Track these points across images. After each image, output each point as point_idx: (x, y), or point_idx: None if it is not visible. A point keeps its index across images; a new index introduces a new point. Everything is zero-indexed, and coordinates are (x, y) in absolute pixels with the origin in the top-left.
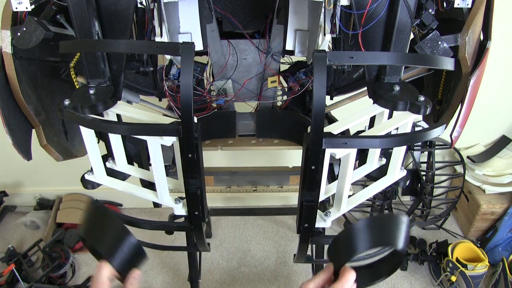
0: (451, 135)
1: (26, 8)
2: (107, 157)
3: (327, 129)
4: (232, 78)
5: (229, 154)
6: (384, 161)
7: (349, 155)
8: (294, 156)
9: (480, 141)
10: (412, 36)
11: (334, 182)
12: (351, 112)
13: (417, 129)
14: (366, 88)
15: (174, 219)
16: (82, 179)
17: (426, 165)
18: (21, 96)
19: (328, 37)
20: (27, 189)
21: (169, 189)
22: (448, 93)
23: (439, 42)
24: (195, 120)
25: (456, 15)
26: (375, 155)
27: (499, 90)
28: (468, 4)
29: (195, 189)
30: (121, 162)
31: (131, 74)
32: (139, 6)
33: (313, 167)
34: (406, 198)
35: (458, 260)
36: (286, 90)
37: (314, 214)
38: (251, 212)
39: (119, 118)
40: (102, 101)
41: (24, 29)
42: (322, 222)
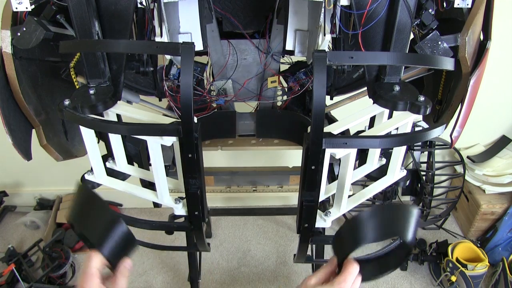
0: (451, 135)
1: (26, 8)
2: (107, 157)
3: (327, 129)
4: (232, 78)
5: (229, 154)
6: (384, 161)
7: (349, 155)
8: (294, 156)
9: (480, 141)
10: (412, 36)
11: (334, 182)
12: (351, 112)
13: (417, 129)
14: (366, 88)
15: (174, 219)
16: (82, 179)
17: (426, 165)
18: (21, 96)
19: (328, 37)
20: (27, 189)
21: (169, 189)
22: (448, 93)
23: (439, 42)
24: (195, 120)
25: (456, 15)
26: (375, 155)
27: (499, 90)
28: (468, 4)
29: (195, 189)
30: (121, 162)
31: (131, 74)
32: (139, 6)
33: (313, 167)
34: (406, 198)
35: (458, 260)
36: (286, 90)
37: (314, 214)
38: (251, 212)
39: (119, 118)
40: (102, 101)
41: (24, 29)
42: (322, 222)
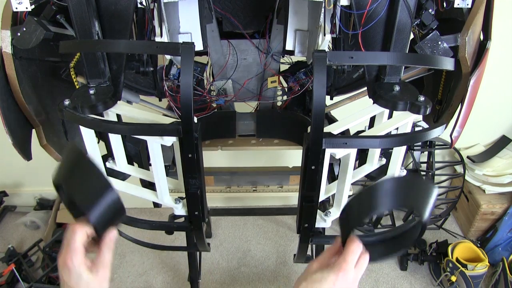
0: (451, 135)
1: (26, 8)
2: (107, 157)
3: (327, 129)
4: (232, 78)
5: (229, 154)
6: (384, 161)
7: (349, 155)
8: (294, 156)
9: (480, 141)
10: (412, 36)
11: (334, 182)
12: (351, 112)
13: (417, 129)
14: (366, 88)
15: (174, 219)
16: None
17: (426, 165)
18: (21, 96)
19: (328, 37)
20: (27, 189)
21: (169, 189)
22: (448, 93)
23: (439, 42)
24: (195, 120)
25: (456, 15)
26: (375, 155)
27: (499, 90)
28: (468, 4)
29: (195, 189)
30: (121, 162)
31: (131, 74)
32: (139, 6)
33: (313, 167)
34: None
35: (458, 260)
36: (286, 90)
37: (314, 214)
38: (251, 212)
39: (119, 118)
40: (102, 101)
41: (24, 29)
42: (322, 222)
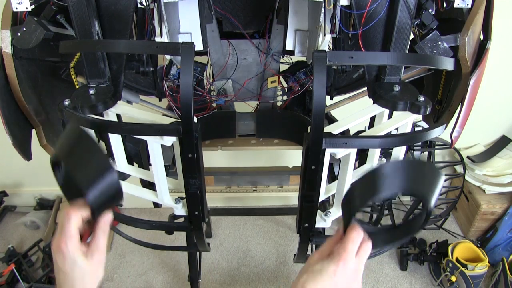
0: (451, 135)
1: (26, 8)
2: (107, 157)
3: (327, 129)
4: (232, 78)
5: (229, 154)
6: (384, 161)
7: (349, 155)
8: (294, 156)
9: (480, 141)
10: (412, 36)
11: (334, 182)
12: (351, 112)
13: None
14: (366, 88)
15: (174, 219)
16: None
17: None
18: (21, 96)
19: (328, 37)
20: (27, 189)
21: (169, 189)
22: (448, 93)
23: (439, 42)
24: (195, 120)
25: (456, 15)
26: (375, 155)
27: (499, 90)
28: (468, 4)
29: (195, 189)
30: (121, 162)
31: (131, 74)
32: (139, 6)
33: (313, 167)
34: (406, 198)
35: (458, 260)
36: (286, 90)
37: (314, 214)
38: (251, 212)
39: (119, 118)
40: (102, 101)
41: (24, 29)
42: (322, 222)
